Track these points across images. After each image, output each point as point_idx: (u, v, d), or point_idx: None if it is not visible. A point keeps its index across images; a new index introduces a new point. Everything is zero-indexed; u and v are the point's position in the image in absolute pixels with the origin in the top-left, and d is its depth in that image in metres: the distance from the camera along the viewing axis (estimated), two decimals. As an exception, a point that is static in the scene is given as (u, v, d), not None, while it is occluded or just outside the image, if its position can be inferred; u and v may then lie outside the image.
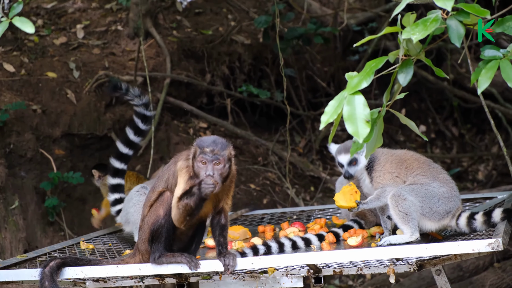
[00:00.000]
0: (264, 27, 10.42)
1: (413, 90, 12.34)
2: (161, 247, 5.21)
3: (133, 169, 9.34)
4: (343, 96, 3.71)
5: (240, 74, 11.08)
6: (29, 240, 8.53)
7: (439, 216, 5.47)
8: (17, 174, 8.77)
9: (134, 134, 6.99)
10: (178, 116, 10.46)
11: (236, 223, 7.09)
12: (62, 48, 10.07)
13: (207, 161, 5.00)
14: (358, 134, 3.67)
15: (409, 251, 5.02)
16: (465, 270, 8.83)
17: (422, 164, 5.66)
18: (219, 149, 5.03)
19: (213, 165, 5.00)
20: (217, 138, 5.12)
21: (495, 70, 3.83)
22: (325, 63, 11.93)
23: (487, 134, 12.26)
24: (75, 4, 10.98)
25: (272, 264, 5.22)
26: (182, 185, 5.09)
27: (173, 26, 10.91)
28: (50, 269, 5.24)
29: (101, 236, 6.89)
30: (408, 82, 3.79)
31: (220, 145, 5.06)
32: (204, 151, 5.01)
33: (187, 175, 5.10)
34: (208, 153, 5.00)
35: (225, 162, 5.04)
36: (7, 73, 9.38)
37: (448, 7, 3.61)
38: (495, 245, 4.82)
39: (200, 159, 5.02)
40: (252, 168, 10.49)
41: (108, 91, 8.01)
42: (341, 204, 5.62)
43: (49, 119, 9.21)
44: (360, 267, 5.50)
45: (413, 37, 3.65)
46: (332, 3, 12.16)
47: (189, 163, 5.10)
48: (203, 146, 5.03)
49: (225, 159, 5.04)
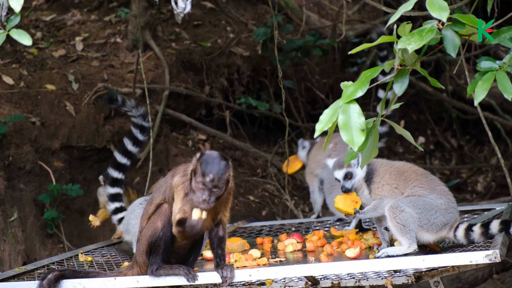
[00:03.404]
0: (263, 39, 10.42)
1: (412, 101, 12.34)
2: (159, 259, 5.21)
3: (132, 181, 9.35)
4: (338, 105, 3.71)
5: (239, 86, 11.09)
6: (28, 252, 8.52)
7: (437, 228, 5.47)
8: (16, 187, 8.77)
9: (132, 144, 7.01)
10: (177, 128, 10.46)
11: (235, 235, 7.09)
12: (61, 60, 10.08)
13: (205, 188, 4.97)
14: (353, 142, 3.68)
15: (407, 263, 5.02)
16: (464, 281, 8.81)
17: (420, 176, 5.66)
18: (219, 177, 4.97)
19: (211, 192, 4.97)
20: (219, 161, 5.00)
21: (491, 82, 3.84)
22: (324, 75, 11.94)
23: (486, 146, 12.26)
24: (74, 17, 10.99)
25: (270, 276, 5.21)
26: (178, 204, 5.07)
27: (171, 38, 10.92)
28: (48, 281, 5.25)
29: (100, 248, 6.90)
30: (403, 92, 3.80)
31: (222, 172, 4.97)
32: (205, 178, 4.95)
33: (183, 192, 5.07)
34: (208, 182, 4.96)
35: (224, 186, 5.02)
36: (6, 86, 9.38)
37: (444, 17, 3.62)
38: (492, 257, 4.82)
39: (199, 181, 4.96)
40: (251, 180, 10.48)
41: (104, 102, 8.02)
42: (339, 207, 5.60)
43: (48, 132, 9.21)
44: (358, 278, 5.50)
45: (409, 47, 3.66)
46: (331, 15, 12.18)
47: (185, 179, 5.08)
48: (205, 172, 4.95)
49: (224, 183, 5.01)
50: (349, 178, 5.67)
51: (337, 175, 5.72)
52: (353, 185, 5.67)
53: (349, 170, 5.66)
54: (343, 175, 5.68)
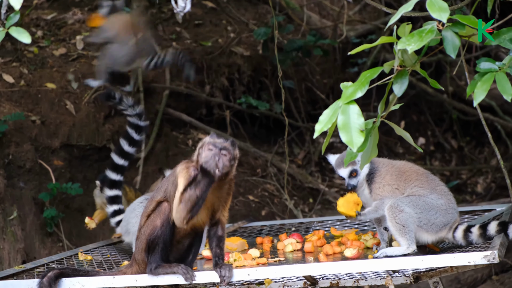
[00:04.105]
0: (263, 39, 10.43)
1: (412, 102, 12.34)
2: (158, 258, 5.20)
3: (131, 180, 9.34)
4: (338, 105, 3.71)
5: (239, 86, 11.09)
6: (27, 251, 8.52)
7: (437, 228, 5.46)
8: (15, 185, 8.76)
9: (128, 145, 6.99)
10: (177, 128, 10.46)
11: (235, 234, 7.09)
12: (61, 59, 10.08)
13: (214, 149, 4.98)
14: (352, 143, 3.67)
15: (405, 263, 5.02)
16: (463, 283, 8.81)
17: (421, 176, 5.65)
18: (229, 144, 5.02)
19: (220, 154, 4.99)
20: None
21: (490, 83, 3.83)
22: (324, 75, 11.94)
23: (486, 147, 12.26)
24: (75, 16, 10.99)
25: (268, 275, 5.21)
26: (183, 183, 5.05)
27: (172, 37, 10.92)
28: (48, 279, 5.24)
29: (100, 247, 6.88)
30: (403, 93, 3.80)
31: (230, 142, 5.04)
32: (215, 142, 4.99)
33: (187, 174, 5.05)
34: (217, 143, 4.98)
35: (231, 157, 5.03)
36: (6, 84, 9.38)
37: (444, 18, 3.62)
38: (491, 258, 4.82)
39: (208, 147, 4.99)
40: (250, 180, 10.48)
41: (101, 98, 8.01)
42: (342, 210, 5.60)
43: (48, 130, 9.21)
44: (357, 278, 5.50)
45: (408, 47, 3.65)
46: (332, 15, 12.18)
47: (190, 164, 5.06)
48: (214, 138, 5.01)
49: (232, 155, 5.03)
50: (354, 176, 5.66)
51: (342, 173, 5.70)
52: (358, 182, 5.66)
53: (354, 168, 5.64)
54: (348, 172, 5.66)
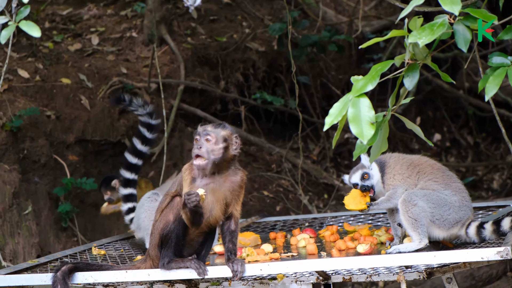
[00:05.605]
0: (278, 34, 10.42)
1: (428, 98, 12.30)
2: (171, 253, 5.18)
3: (146, 175, 9.36)
4: (348, 98, 3.70)
5: (254, 81, 11.09)
6: (42, 246, 8.55)
7: (449, 225, 5.42)
8: (30, 180, 8.80)
9: (141, 143, 7.00)
10: (192, 123, 10.47)
11: (249, 229, 7.08)
12: (76, 54, 10.11)
13: (198, 138, 5.01)
14: (363, 135, 3.67)
15: (418, 259, 4.99)
16: (477, 279, 8.77)
17: (436, 171, 5.61)
18: (212, 127, 5.02)
19: (204, 141, 5.00)
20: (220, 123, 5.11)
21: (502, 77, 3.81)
22: (339, 70, 11.92)
23: (502, 143, 12.20)
24: (90, 11, 11.02)
25: (281, 271, 5.20)
26: (185, 189, 5.09)
27: (187, 33, 10.93)
28: (62, 273, 5.24)
29: (113, 242, 6.90)
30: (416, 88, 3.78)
31: (216, 125, 5.04)
32: (197, 131, 5.03)
33: (189, 178, 5.08)
34: (198, 131, 5.01)
35: (218, 140, 5.01)
36: (21, 79, 9.42)
37: (456, 11, 3.60)
38: (504, 253, 4.79)
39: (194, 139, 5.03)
40: (265, 175, 10.48)
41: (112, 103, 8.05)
42: (352, 208, 5.57)
43: (63, 125, 9.24)
44: (369, 274, 5.47)
45: (420, 41, 3.64)
46: (348, 11, 12.16)
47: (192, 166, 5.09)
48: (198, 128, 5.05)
49: (219, 138, 5.01)
50: (366, 178, 5.61)
51: (354, 180, 5.64)
52: (372, 184, 5.60)
53: (365, 171, 5.61)
54: (360, 176, 5.62)
